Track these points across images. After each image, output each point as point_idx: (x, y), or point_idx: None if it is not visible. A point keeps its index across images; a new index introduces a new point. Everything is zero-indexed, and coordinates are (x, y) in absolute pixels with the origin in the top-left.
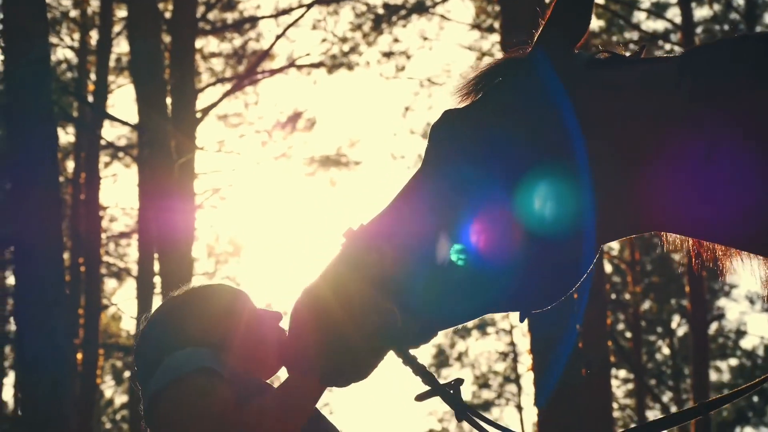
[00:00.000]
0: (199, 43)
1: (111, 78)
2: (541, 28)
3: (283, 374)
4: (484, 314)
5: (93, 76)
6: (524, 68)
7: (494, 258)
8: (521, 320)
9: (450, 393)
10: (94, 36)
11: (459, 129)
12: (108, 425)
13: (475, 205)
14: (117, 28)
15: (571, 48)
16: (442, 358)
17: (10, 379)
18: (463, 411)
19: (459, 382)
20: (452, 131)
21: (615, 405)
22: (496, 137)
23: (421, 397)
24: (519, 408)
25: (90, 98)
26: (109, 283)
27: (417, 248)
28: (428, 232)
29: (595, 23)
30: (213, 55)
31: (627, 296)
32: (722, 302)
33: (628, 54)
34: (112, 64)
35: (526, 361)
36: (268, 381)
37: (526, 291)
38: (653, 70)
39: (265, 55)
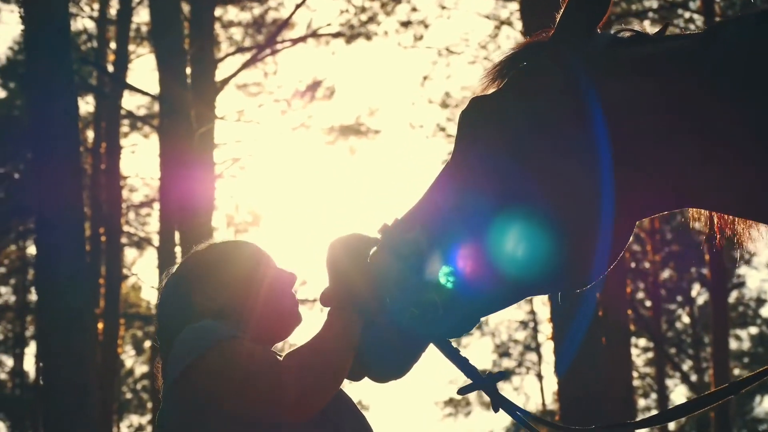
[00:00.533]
0: (218, 11)
1: (131, 48)
2: (562, 9)
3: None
4: (524, 298)
5: (113, 46)
6: (547, 52)
7: (530, 243)
8: (561, 302)
9: (494, 387)
10: (113, 5)
11: (486, 116)
12: (128, 395)
13: (507, 192)
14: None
15: (593, 27)
16: None
17: (31, 349)
18: (507, 406)
19: (502, 375)
20: (480, 119)
21: (635, 374)
22: (522, 123)
23: (463, 391)
24: (539, 377)
25: (110, 68)
26: (130, 253)
27: (453, 237)
28: (463, 221)
29: None
30: (232, 24)
31: (646, 265)
32: (742, 270)
33: (649, 30)
34: (131, 33)
35: (546, 330)
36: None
37: (564, 273)
38: (675, 48)
39: (285, 24)
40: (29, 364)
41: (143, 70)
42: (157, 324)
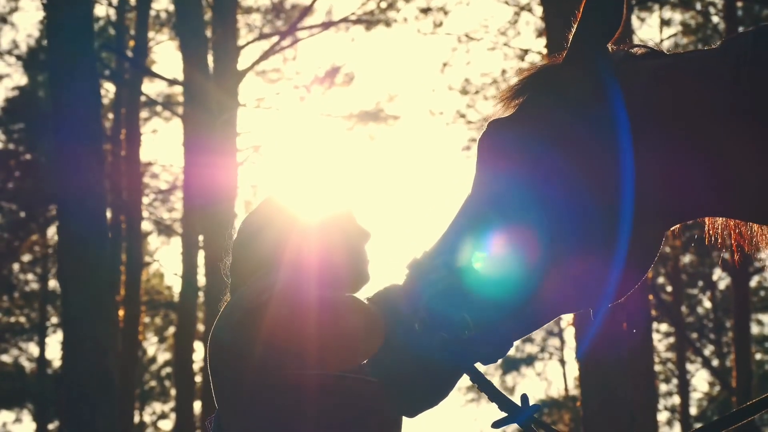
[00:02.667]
0: None
1: (153, 35)
2: (575, 26)
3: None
4: (558, 316)
5: (133, 32)
6: (563, 73)
7: (555, 263)
8: (595, 318)
9: (529, 419)
10: None
11: (506, 139)
12: (152, 383)
13: (530, 213)
14: None
15: (608, 40)
16: None
17: (55, 338)
18: None
19: (537, 408)
20: (499, 142)
21: (656, 359)
22: (543, 141)
23: (497, 424)
24: (562, 362)
25: (130, 54)
26: (152, 240)
27: (480, 261)
28: (492, 244)
29: None
30: (251, 10)
31: (667, 249)
32: (764, 254)
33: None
34: (152, 20)
35: (567, 316)
36: None
37: (596, 290)
38: (695, 58)
39: (307, 11)
40: (52, 352)
41: (164, 56)
42: (231, 261)
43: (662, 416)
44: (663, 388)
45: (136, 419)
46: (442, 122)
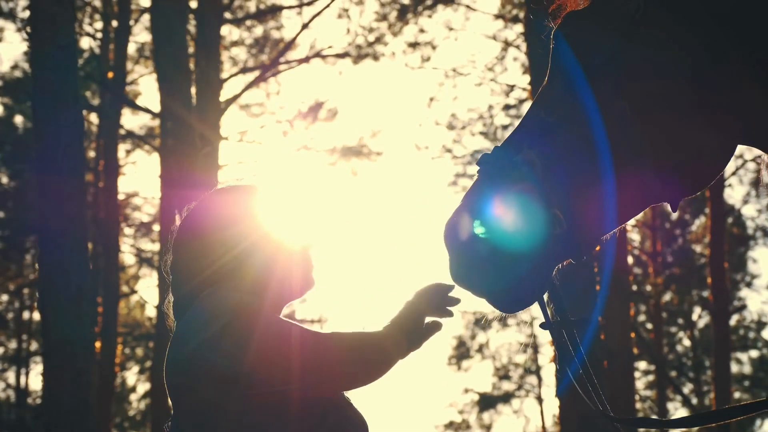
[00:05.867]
0: (222, 31)
1: (137, 68)
2: None
3: None
4: (640, 212)
5: (113, 65)
6: None
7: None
8: (673, 210)
9: (569, 333)
10: (115, 24)
11: (578, 34)
12: (138, 417)
13: (609, 108)
14: (139, 16)
15: None
16: (462, 350)
17: (39, 367)
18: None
19: (580, 323)
20: (571, 36)
21: (636, 397)
22: (612, 39)
23: (543, 326)
24: (539, 400)
25: (109, 85)
26: (133, 272)
27: (559, 157)
28: (566, 139)
29: None
30: (234, 44)
31: (648, 288)
32: (744, 293)
33: None
34: (136, 53)
35: (547, 353)
36: None
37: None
38: None
39: (290, 45)
40: (32, 383)
41: (150, 89)
42: (171, 262)
43: None
44: None
45: None
46: (427, 157)
